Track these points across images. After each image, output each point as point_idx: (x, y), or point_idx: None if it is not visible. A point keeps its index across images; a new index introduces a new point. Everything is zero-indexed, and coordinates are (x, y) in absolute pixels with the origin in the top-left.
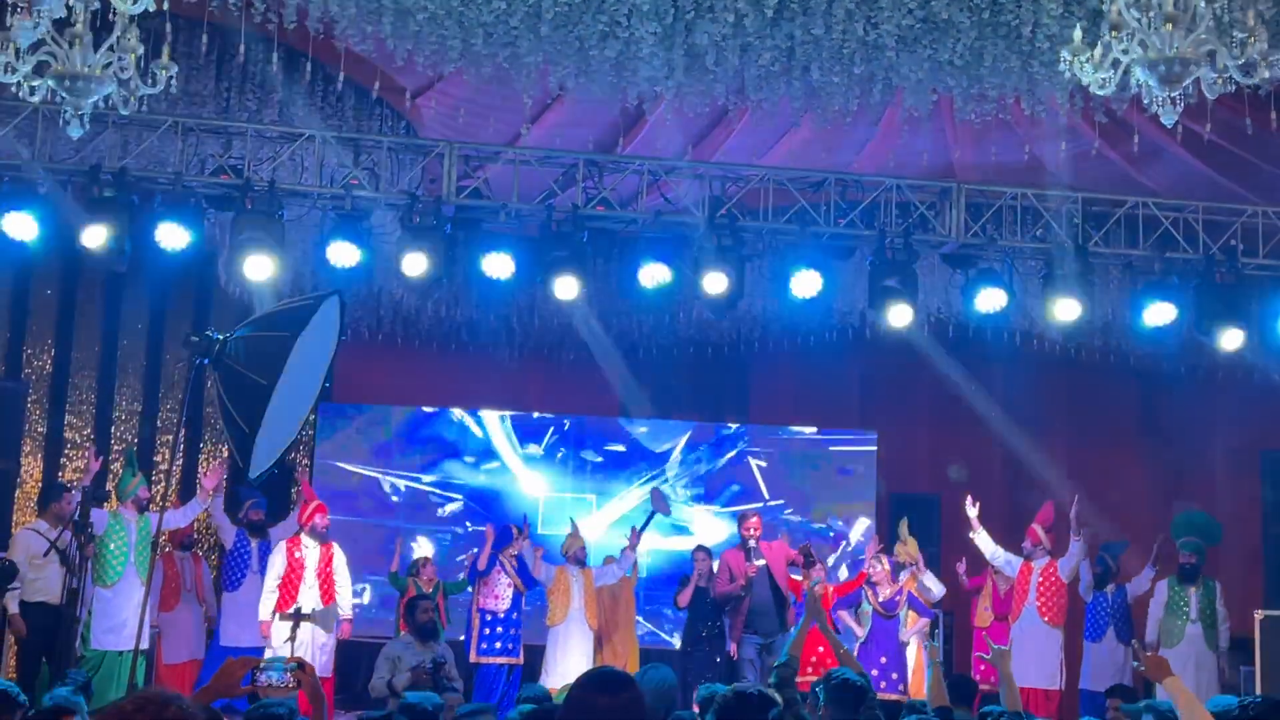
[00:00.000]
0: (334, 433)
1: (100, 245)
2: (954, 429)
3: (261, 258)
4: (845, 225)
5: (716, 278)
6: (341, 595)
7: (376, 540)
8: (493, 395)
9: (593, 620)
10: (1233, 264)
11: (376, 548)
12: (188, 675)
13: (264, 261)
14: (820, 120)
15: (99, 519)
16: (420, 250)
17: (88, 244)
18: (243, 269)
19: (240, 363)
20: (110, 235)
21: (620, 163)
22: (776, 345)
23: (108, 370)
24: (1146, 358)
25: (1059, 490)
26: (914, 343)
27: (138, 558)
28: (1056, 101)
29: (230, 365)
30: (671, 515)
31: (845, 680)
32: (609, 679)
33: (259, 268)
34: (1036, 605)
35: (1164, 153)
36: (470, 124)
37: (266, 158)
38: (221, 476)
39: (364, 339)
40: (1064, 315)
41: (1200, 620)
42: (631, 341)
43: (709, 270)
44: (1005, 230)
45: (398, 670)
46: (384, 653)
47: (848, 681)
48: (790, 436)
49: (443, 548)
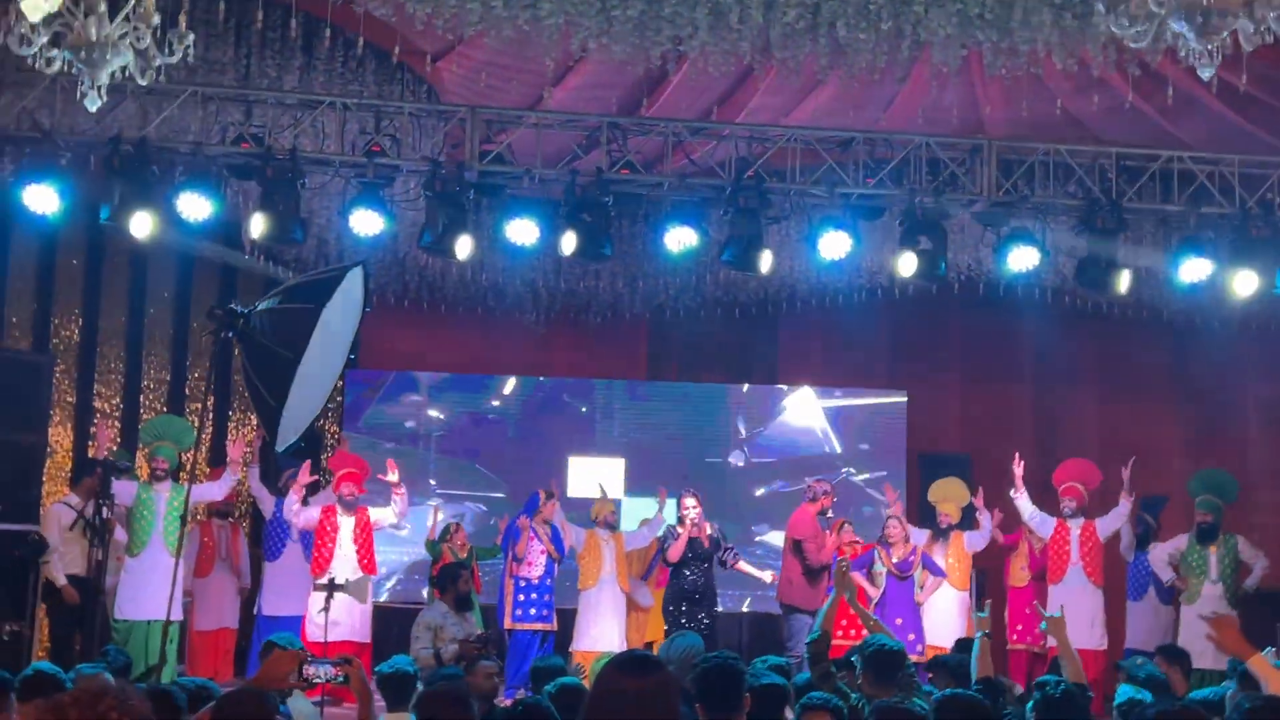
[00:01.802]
0: (362, 400)
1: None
2: (984, 388)
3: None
4: (874, 185)
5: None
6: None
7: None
8: (519, 360)
9: (624, 584)
10: (1269, 217)
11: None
12: (219, 643)
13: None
14: (847, 78)
15: (125, 490)
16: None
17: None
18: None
19: (265, 336)
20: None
21: (644, 124)
22: (805, 306)
23: (135, 340)
24: (1179, 312)
25: (1090, 447)
26: (943, 301)
27: (166, 528)
28: (1089, 54)
29: (255, 339)
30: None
31: (882, 646)
32: (637, 662)
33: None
34: (1082, 565)
35: (1198, 105)
36: (492, 88)
37: (287, 125)
38: (245, 448)
39: (389, 305)
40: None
41: (1221, 579)
42: (658, 304)
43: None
44: (1037, 186)
45: (439, 640)
46: (422, 621)
47: (884, 648)
48: (819, 397)
49: (474, 514)
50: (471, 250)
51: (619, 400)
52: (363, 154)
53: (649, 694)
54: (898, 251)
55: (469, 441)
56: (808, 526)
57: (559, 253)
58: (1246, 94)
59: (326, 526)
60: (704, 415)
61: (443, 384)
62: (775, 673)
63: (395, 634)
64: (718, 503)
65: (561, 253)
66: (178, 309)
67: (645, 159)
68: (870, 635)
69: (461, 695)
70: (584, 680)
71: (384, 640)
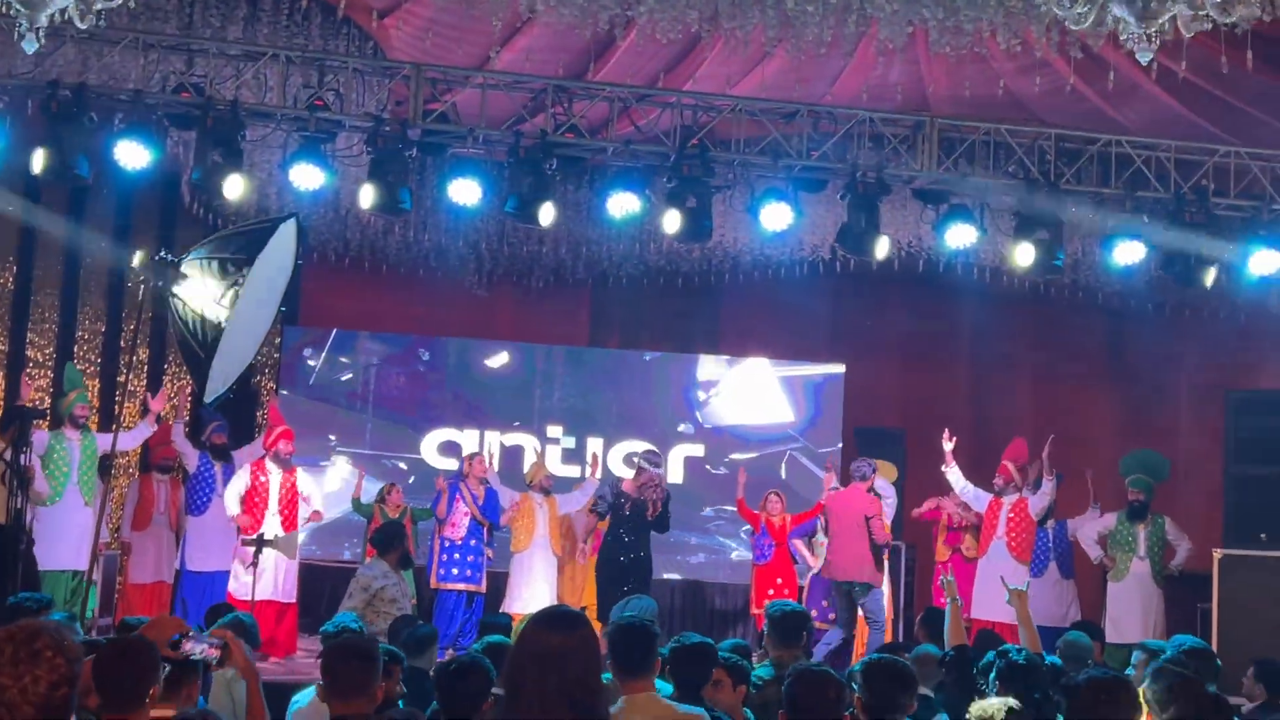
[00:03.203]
0: (299, 357)
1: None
2: (921, 364)
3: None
4: (818, 158)
5: (674, 216)
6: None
7: (339, 466)
8: (460, 322)
9: (556, 547)
10: (1203, 204)
11: (338, 474)
12: (153, 596)
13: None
14: (794, 50)
15: (39, 439)
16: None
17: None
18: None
19: None
20: (62, 155)
21: (590, 89)
22: (747, 277)
23: (70, 289)
24: (1114, 295)
25: (1025, 426)
26: (884, 276)
27: (81, 478)
28: (1033, 36)
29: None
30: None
31: (785, 609)
32: (561, 618)
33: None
34: (1006, 540)
35: (1138, 91)
36: (438, 47)
37: (229, 76)
38: (166, 400)
39: (330, 263)
40: (1024, 260)
41: (1149, 556)
42: (601, 271)
43: (673, 205)
44: (977, 166)
45: (377, 600)
46: (360, 580)
47: (788, 611)
48: (759, 368)
49: (408, 475)
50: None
51: (560, 366)
52: (305, 108)
53: (573, 650)
54: (1014, 241)
55: (406, 403)
56: (873, 504)
57: (502, 215)
58: (1185, 80)
59: (256, 484)
60: (646, 383)
61: (382, 344)
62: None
63: (329, 592)
64: (671, 473)
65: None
66: (114, 259)
67: (590, 124)
68: (775, 601)
69: (367, 649)
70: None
71: (314, 597)
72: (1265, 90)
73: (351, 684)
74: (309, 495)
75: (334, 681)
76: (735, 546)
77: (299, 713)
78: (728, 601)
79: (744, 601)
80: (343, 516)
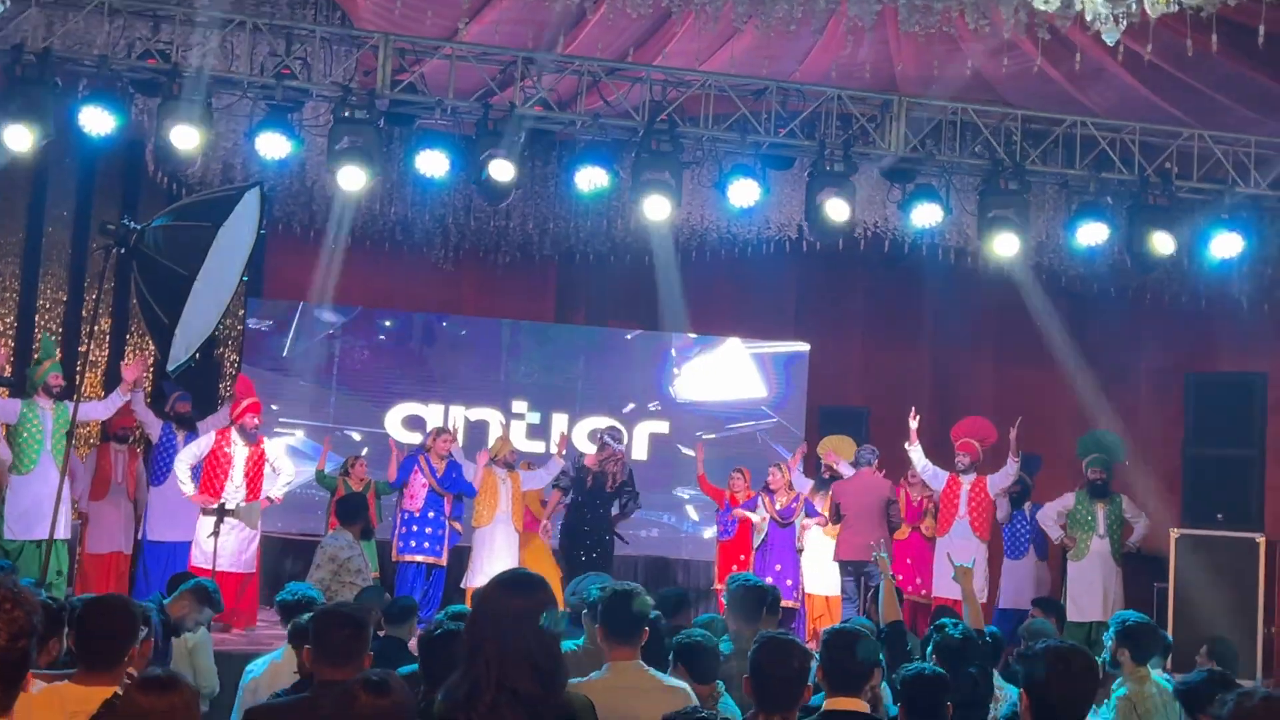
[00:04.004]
0: (264, 328)
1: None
2: (885, 344)
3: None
4: (785, 135)
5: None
6: (278, 479)
7: (302, 438)
8: (426, 296)
9: (518, 523)
10: (1167, 186)
11: (302, 445)
12: (111, 566)
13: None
14: (763, 28)
15: (10, 408)
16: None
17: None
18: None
19: (160, 253)
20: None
21: (560, 62)
22: (714, 255)
23: (32, 258)
24: (1077, 278)
25: (986, 406)
26: (849, 256)
27: (54, 446)
28: (1001, 16)
29: (149, 255)
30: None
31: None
32: (523, 580)
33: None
34: (969, 519)
35: (1104, 73)
36: (406, 17)
37: (196, 43)
38: (143, 369)
39: (295, 235)
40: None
41: (1108, 535)
42: (568, 246)
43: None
44: (944, 146)
45: (343, 571)
46: (327, 550)
47: (749, 585)
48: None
49: (369, 447)
50: (365, 182)
51: (526, 341)
52: (272, 76)
53: (531, 611)
54: (993, 231)
55: (370, 376)
56: (890, 488)
57: (469, 189)
58: (1151, 64)
59: (219, 454)
60: (612, 360)
61: (346, 317)
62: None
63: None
64: (634, 448)
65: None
66: (77, 228)
67: (560, 99)
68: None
69: (359, 617)
70: None
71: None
72: (1229, 75)
73: (342, 651)
74: (281, 467)
75: (324, 649)
76: (705, 524)
77: (253, 681)
78: (690, 579)
79: (708, 579)
80: (303, 489)
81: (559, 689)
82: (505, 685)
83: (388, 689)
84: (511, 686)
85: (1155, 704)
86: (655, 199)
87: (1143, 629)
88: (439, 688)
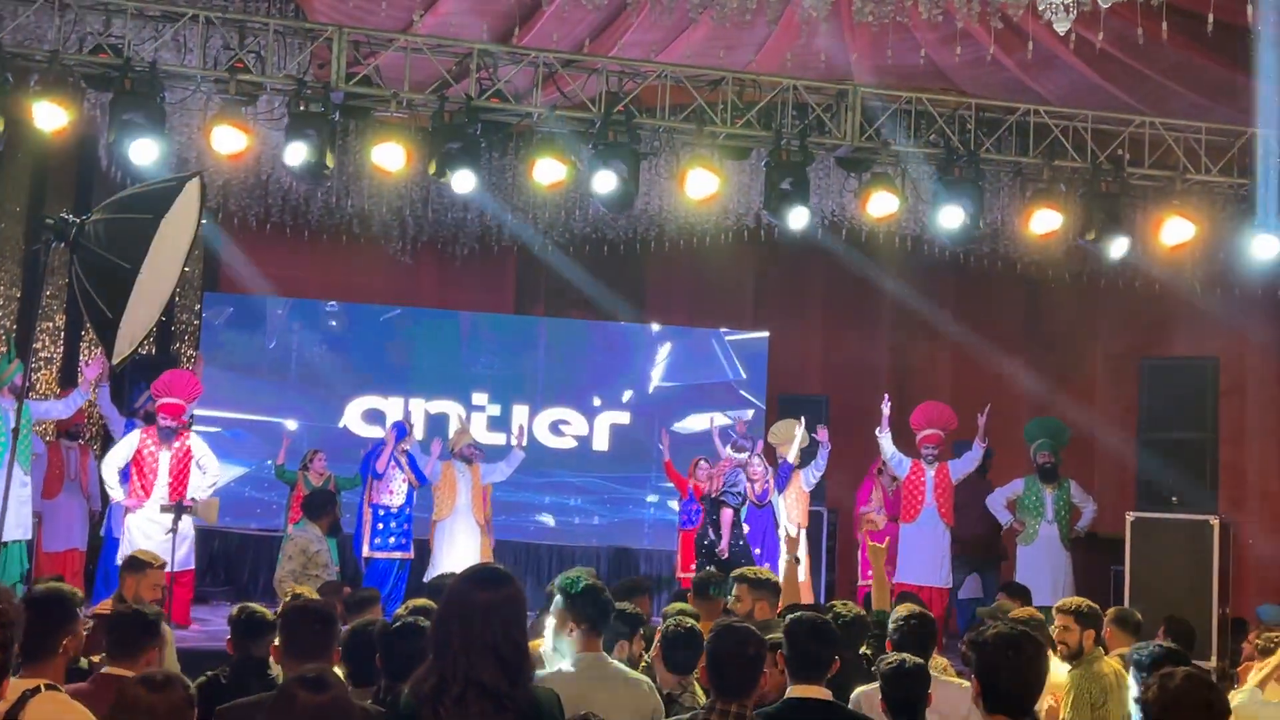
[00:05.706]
0: (220, 323)
1: None
2: (844, 332)
3: (144, 142)
4: (742, 125)
5: (606, 177)
6: (204, 479)
7: (262, 432)
8: (384, 289)
9: (479, 515)
10: (1119, 173)
11: (262, 439)
12: (68, 564)
13: (147, 145)
14: (719, 18)
15: None
16: (305, 139)
17: None
18: (125, 152)
19: (102, 246)
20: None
21: (515, 54)
22: (673, 244)
23: None
24: (1033, 265)
25: (944, 393)
26: (808, 245)
27: (19, 446)
28: (954, 6)
29: (90, 248)
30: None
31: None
32: (489, 575)
33: (143, 152)
34: (936, 506)
35: (1056, 61)
36: (361, 9)
37: (148, 37)
38: (103, 366)
39: (250, 229)
40: (948, 223)
41: (1056, 520)
42: (526, 238)
43: (599, 169)
44: (899, 135)
45: (312, 565)
46: (297, 543)
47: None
48: (684, 336)
49: (334, 443)
50: (321, 175)
51: (485, 333)
52: (225, 70)
53: (498, 605)
54: (786, 205)
55: (329, 370)
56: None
57: (426, 181)
58: (1103, 51)
59: (143, 455)
60: (572, 351)
61: (303, 310)
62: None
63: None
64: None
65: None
66: (30, 224)
67: (515, 90)
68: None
69: (326, 613)
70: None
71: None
72: (1180, 62)
73: (310, 646)
74: (206, 465)
75: (292, 643)
76: (668, 513)
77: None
78: (653, 567)
79: (669, 567)
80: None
81: (526, 683)
82: (473, 679)
83: (326, 685)
84: (479, 680)
85: (1109, 683)
86: (613, 190)
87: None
88: (400, 681)
